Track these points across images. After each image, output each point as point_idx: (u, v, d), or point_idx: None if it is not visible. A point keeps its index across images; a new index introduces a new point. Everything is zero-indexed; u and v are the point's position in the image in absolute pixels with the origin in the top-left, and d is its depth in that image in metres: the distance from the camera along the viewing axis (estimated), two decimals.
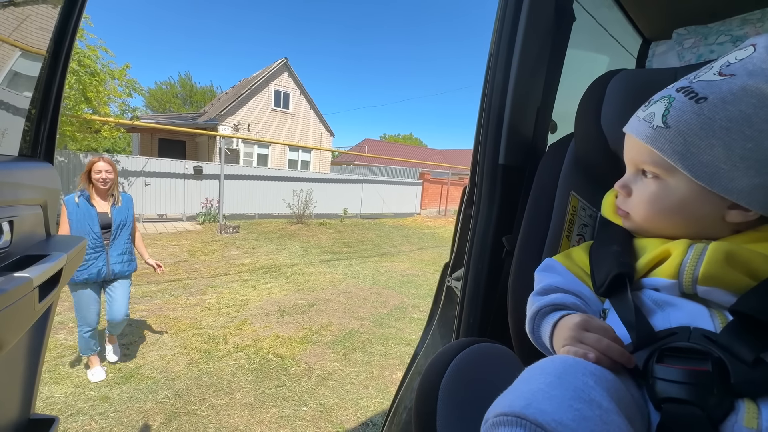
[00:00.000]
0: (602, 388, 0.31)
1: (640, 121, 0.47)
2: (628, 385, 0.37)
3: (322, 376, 2.77)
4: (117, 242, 2.53)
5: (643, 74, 0.61)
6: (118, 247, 2.54)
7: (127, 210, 2.61)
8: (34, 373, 0.80)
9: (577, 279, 0.54)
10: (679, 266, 0.43)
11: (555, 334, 0.46)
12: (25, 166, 0.81)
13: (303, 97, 15.82)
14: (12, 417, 0.75)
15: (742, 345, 0.35)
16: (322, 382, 2.69)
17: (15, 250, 0.68)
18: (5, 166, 0.72)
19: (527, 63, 0.73)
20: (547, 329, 0.47)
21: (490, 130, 0.74)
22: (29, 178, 0.79)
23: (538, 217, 0.64)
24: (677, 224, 0.46)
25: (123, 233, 2.57)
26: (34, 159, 0.88)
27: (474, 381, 0.53)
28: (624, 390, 0.34)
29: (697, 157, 0.41)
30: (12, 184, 0.68)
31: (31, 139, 0.90)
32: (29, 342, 0.77)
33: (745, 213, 0.42)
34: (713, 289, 0.40)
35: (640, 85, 0.58)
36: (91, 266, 2.43)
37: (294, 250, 7.23)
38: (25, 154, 0.88)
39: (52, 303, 0.86)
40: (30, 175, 0.80)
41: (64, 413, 2.20)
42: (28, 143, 0.89)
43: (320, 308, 4.20)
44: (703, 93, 0.41)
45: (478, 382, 0.42)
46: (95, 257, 2.43)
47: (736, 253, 0.39)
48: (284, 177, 11.31)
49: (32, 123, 0.91)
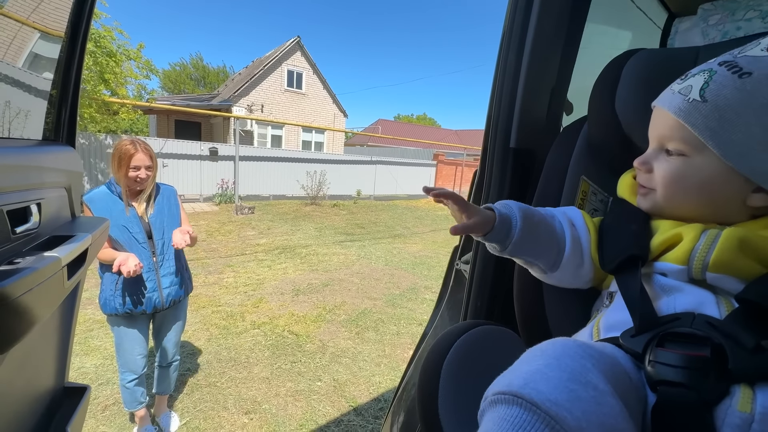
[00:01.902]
0: (599, 371, 0.31)
1: (675, 94, 0.45)
2: (627, 368, 0.37)
3: (335, 353, 2.85)
4: (167, 256, 1.79)
5: (661, 54, 0.58)
6: (170, 263, 1.80)
7: (173, 208, 1.85)
8: (66, 345, 0.86)
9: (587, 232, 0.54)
10: (690, 252, 0.42)
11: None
12: (49, 150, 0.84)
13: (316, 77, 15.64)
14: (49, 385, 0.81)
15: (744, 331, 0.35)
16: (336, 359, 2.77)
17: (44, 230, 0.72)
18: (31, 150, 0.75)
19: (542, 42, 0.70)
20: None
21: (502, 113, 0.73)
22: (53, 162, 0.83)
23: (547, 202, 0.63)
24: (695, 205, 0.45)
25: (169, 248, 1.80)
26: (57, 143, 0.91)
27: (476, 362, 0.54)
28: (622, 372, 0.35)
29: (730, 135, 0.40)
30: (38, 168, 0.72)
31: (53, 123, 0.93)
32: (61, 316, 0.82)
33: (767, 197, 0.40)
34: (723, 276, 0.40)
35: (658, 66, 0.55)
36: (139, 293, 1.69)
37: (308, 230, 7.33)
38: (48, 138, 0.91)
39: (80, 280, 0.90)
40: (54, 158, 0.83)
41: (94, 382, 2.34)
42: (51, 127, 0.93)
43: (334, 288, 4.28)
44: (748, 68, 0.40)
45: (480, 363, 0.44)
46: (144, 278, 1.71)
47: (750, 239, 0.39)
48: (298, 158, 11.35)
49: (53, 107, 0.93)
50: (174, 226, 1.83)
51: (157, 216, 1.78)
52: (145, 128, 21.39)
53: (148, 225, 1.74)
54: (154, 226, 1.75)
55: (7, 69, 0.97)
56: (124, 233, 1.66)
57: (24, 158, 0.68)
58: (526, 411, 0.29)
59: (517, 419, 0.29)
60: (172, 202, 1.87)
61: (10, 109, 0.96)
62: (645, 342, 0.38)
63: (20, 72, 0.99)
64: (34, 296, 0.57)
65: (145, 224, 1.73)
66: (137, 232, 1.69)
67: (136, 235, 1.69)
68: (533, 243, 0.52)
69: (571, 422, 0.28)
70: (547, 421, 0.28)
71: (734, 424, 0.32)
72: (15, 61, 0.99)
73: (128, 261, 1.56)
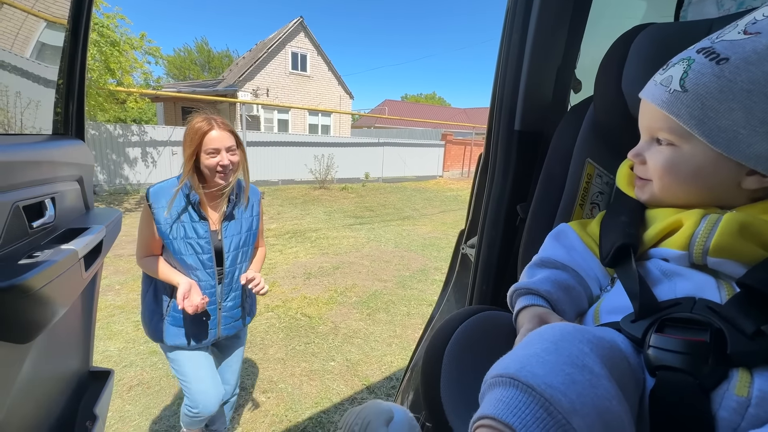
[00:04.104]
0: (596, 355, 0.32)
1: (657, 85, 0.45)
2: (627, 353, 0.38)
3: (347, 335, 2.92)
4: (235, 286, 1.36)
5: (671, 28, 0.56)
6: (236, 293, 1.37)
7: (254, 222, 1.40)
8: (89, 332, 0.90)
9: (587, 249, 0.54)
10: (690, 237, 0.42)
11: (518, 318, 0.49)
12: (60, 144, 0.85)
13: (321, 59, 15.39)
14: (75, 369, 0.86)
15: (744, 317, 0.35)
16: (348, 340, 2.84)
17: (60, 223, 0.74)
18: (43, 145, 0.76)
19: (547, 18, 0.68)
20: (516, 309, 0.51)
21: (506, 95, 0.71)
22: (65, 156, 0.84)
23: (552, 186, 0.63)
24: (693, 193, 0.45)
25: (243, 265, 1.37)
26: (67, 137, 0.93)
27: (478, 347, 0.55)
28: (621, 357, 0.36)
29: (715, 122, 0.39)
30: (50, 162, 0.73)
31: (62, 117, 0.94)
32: (82, 305, 0.86)
33: (763, 179, 0.40)
34: (724, 261, 0.40)
35: (667, 42, 0.53)
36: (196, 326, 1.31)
37: (318, 215, 7.38)
38: (58, 132, 0.93)
39: (98, 270, 0.94)
40: (65, 152, 0.85)
41: (118, 365, 2.45)
42: (60, 121, 0.94)
43: (344, 271, 4.34)
44: (725, 53, 0.39)
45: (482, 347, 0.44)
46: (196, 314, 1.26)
47: (750, 223, 0.38)
48: (305, 142, 11.32)
49: (61, 101, 0.94)
50: (251, 247, 1.38)
51: (235, 234, 1.31)
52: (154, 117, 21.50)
53: (220, 244, 1.28)
54: (227, 248, 1.29)
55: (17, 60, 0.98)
56: (188, 251, 1.22)
57: (37, 153, 0.70)
58: (522, 393, 0.30)
59: (513, 400, 0.30)
60: (254, 213, 1.39)
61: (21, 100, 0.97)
62: (645, 327, 0.39)
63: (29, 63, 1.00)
64: (53, 288, 0.59)
65: (216, 242, 1.28)
66: (205, 254, 1.25)
67: (202, 257, 1.25)
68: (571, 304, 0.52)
69: (566, 404, 0.29)
70: (542, 403, 0.29)
71: (731, 408, 0.33)
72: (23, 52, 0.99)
73: (192, 295, 1.18)
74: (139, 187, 8.72)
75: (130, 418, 2.00)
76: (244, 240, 1.35)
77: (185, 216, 1.23)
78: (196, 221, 1.24)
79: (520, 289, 0.51)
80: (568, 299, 0.50)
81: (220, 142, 1.19)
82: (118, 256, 4.35)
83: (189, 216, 1.23)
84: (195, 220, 1.24)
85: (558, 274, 0.53)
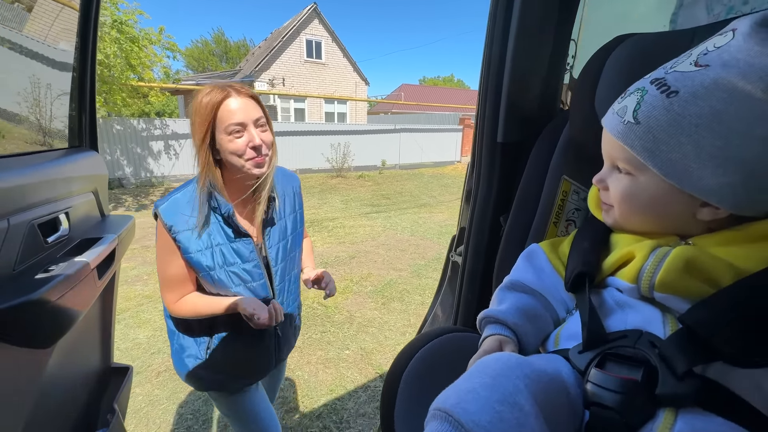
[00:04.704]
0: (530, 392, 0.33)
1: (614, 114, 0.44)
2: (569, 383, 0.39)
3: (362, 324, 2.99)
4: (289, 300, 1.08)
5: (653, 40, 0.53)
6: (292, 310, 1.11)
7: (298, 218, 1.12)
8: (109, 332, 0.97)
9: (555, 272, 0.54)
10: (638, 271, 0.42)
11: (482, 345, 0.51)
12: (75, 158, 0.91)
13: (335, 45, 15.25)
14: (97, 366, 0.93)
15: (679, 355, 0.35)
16: (363, 329, 2.91)
17: (74, 235, 0.80)
18: (58, 162, 0.82)
19: (529, 26, 0.65)
20: (482, 337, 0.52)
21: (488, 106, 0.70)
22: (79, 170, 0.90)
23: (527, 203, 0.62)
24: (650, 221, 0.45)
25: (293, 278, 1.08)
26: (81, 149, 0.99)
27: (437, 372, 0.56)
28: (559, 390, 0.37)
29: (667, 155, 0.39)
30: (64, 179, 0.79)
31: (76, 130, 1.00)
32: (101, 307, 0.93)
33: (716, 211, 0.40)
34: (669, 296, 0.40)
35: (645, 56, 0.51)
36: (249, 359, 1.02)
37: (334, 203, 7.46)
38: (73, 145, 0.99)
39: (114, 273, 1.00)
40: (79, 165, 0.91)
41: (147, 352, 2.61)
42: (74, 134, 1.00)
43: (360, 260, 4.40)
44: (675, 86, 0.38)
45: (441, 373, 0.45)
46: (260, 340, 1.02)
47: (696, 260, 0.38)
48: (322, 131, 11.36)
49: (74, 114, 1.00)
50: (299, 249, 1.08)
51: (280, 240, 1.01)
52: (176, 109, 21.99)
53: (265, 259, 0.98)
54: (274, 261, 0.99)
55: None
56: (233, 281, 0.92)
57: (50, 172, 0.75)
58: (453, 429, 0.32)
59: None
60: (297, 207, 1.10)
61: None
62: (588, 360, 0.39)
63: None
64: (68, 299, 0.65)
65: (262, 257, 0.97)
66: (257, 281, 0.95)
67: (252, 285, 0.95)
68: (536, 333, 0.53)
69: None
70: None
71: None
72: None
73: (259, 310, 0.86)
74: (164, 179, 9.03)
75: (159, 401, 2.14)
76: (291, 244, 1.03)
77: (218, 235, 0.89)
78: (234, 240, 0.91)
79: (488, 317, 0.53)
80: (533, 328, 0.51)
81: (243, 113, 0.83)
82: (146, 248, 4.56)
83: (223, 234, 0.90)
84: (232, 238, 0.91)
85: (526, 300, 0.54)
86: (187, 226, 0.88)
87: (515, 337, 0.50)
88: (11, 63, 0.99)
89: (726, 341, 0.33)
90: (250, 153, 0.85)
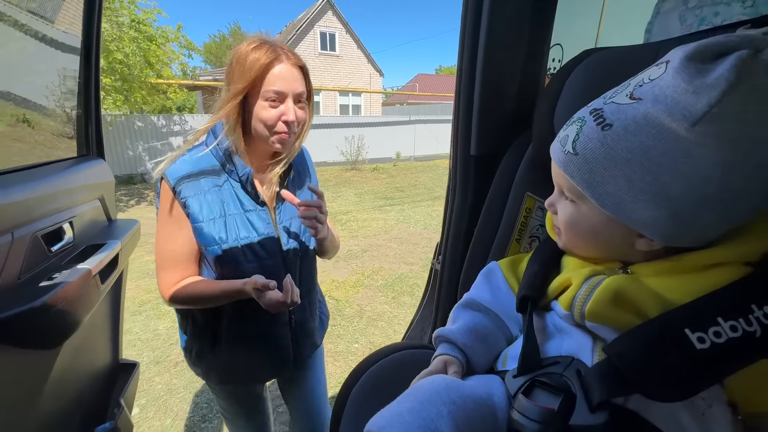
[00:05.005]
0: (452, 418, 0.35)
1: (558, 142, 0.44)
2: (499, 408, 0.40)
3: (372, 317, 3.03)
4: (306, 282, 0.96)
5: (615, 55, 0.52)
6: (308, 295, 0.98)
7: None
8: (116, 330, 1.03)
9: (510, 291, 0.55)
10: (572, 299, 0.43)
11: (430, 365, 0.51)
12: (83, 167, 0.96)
13: (349, 37, 15.18)
14: (107, 362, 1.00)
15: (598, 385, 0.35)
16: (372, 323, 2.95)
17: (79, 241, 0.86)
18: (65, 173, 0.87)
19: (499, 33, 0.63)
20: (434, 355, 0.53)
21: (461, 118, 0.70)
22: (86, 178, 0.95)
23: (491, 218, 0.62)
24: (593, 248, 0.45)
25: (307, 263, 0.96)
26: (89, 158, 1.04)
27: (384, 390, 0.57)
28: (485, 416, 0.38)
29: (603, 187, 0.39)
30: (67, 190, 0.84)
31: (83, 139, 1.05)
32: (108, 308, 0.99)
33: (651, 242, 0.40)
34: (599, 326, 0.40)
35: (605, 73, 0.50)
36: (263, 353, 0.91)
37: (348, 197, 7.51)
38: (81, 153, 1.04)
39: (122, 272, 1.06)
40: (86, 175, 0.96)
41: (166, 342, 2.73)
42: (82, 143, 1.05)
43: (372, 254, 4.44)
44: (610, 119, 0.38)
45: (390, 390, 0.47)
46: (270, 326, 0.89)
47: (625, 292, 0.38)
48: (336, 123, 11.40)
49: (81, 124, 1.05)
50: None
51: (293, 216, 0.90)
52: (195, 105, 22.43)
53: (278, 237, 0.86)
54: (285, 236, 0.88)
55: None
56: (247, 257, 0.81)
57: (55, 184, 0.80)
58: None
59: None
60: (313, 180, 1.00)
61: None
62: (519, 385, 0.40)
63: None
64: (71, 304, 0.70)
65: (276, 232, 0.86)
66: (272, 258, 0.84)
67: (268, 262, 0.84)
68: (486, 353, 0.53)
69: None
70: None
71: None
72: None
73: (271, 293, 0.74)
74: None
75: (176, 390, 2.25)
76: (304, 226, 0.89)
77: (232, 204, 0.80)
78: (249, 210, 0.81)
79: (440, 336, 0.54)
80: (483, 347, 0.52)
81: (287, 83, 0.76)
82: None
83: (238, 203, 0.81)
84: (247, 208, 0.81)
85: (478, 319, 0.55)
86: (199, 189, 0.77)
87: (464, 356, 0.51)
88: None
89: (640, 375, 0.33)
90: (281, 126, 0.78)
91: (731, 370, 0.32)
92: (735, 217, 0.36)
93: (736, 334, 0.32)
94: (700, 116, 0.32)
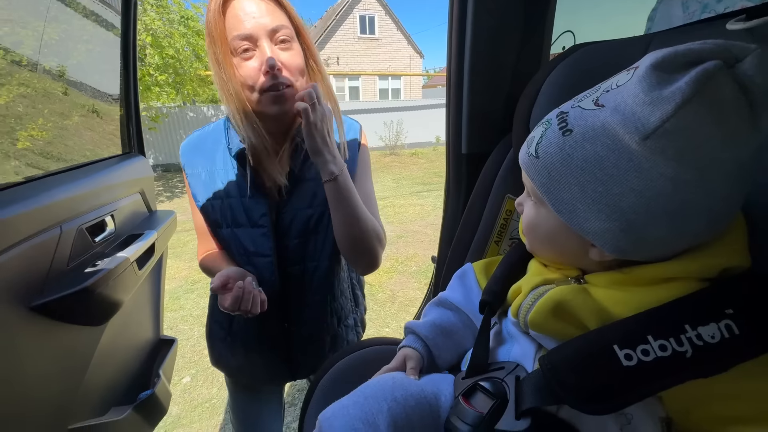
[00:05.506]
0: (390, 414, 0.37)
1: (525, 143, 0.43)
2: (443, 408, 0.41)
3: (404, 303, 3.09)
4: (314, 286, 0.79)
5: (603, 50, 0.47)
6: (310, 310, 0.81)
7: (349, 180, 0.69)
8: (158, 310, 1.16)
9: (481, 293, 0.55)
10: (518, 308, 0.42)
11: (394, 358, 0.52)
12: (126, 164, 1.07)
13: (389, 18, 14.94)
14: (149, 337, 1.13)
15: (530, 394, 0.36)
16: (404, 308, 3.01)
17: (121, 231, 0.96)
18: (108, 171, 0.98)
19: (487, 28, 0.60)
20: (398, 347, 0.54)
21: (452, 116, 0.68)
22: (128, 174, 1.06)
23: (472, 219, 0.61)
24: (551, 253, 0.44)
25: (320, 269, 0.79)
26: (131, 155, 1.15)
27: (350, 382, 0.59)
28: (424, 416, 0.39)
29: (559, 193, 0.37)
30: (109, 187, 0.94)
31: (126, 138, 1.16)
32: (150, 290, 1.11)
33: (603, 253, 0.38)
34: (540, 335, 0.40)
35: (587, 69, 0.46)
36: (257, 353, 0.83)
37: (386, 182, 7.55)
38: (125, 151, 1.16)
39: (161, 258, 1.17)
40: (128, 171, 1.07)
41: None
42: (125, 142, 1.16)
43: (407, 240, 4.47)
44: (572, 125, 0.36)
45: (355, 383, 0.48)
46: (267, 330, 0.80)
47: (567, 304, 0.37)
48: (374, 109, 11.39)
49: (123, 124, 1.16)
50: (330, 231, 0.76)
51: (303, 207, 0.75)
52: None
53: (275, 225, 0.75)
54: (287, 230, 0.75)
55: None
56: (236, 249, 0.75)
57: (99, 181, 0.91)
58: None
59: None
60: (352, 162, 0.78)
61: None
62: (463, 387, 0.41)
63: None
64: (111, 287, 0.81)
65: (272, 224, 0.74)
66: (266, 257, 0.74)
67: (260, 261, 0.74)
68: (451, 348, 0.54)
69: None
70: None
71: None
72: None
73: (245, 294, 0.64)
74: None
75: None
76: (318, 217, 0.75)
77: (231, 186, 0.72)
78: (248, 196, 0.71)
79: (408, 328, 0.55)
80: (448, 342, 0.53)
81: (255, 20, 0.61)
82: None
83: (235, 185, 0.72)
84: (245, 193, 0.71)
85: (446, 316, 0.55)
86: (201, 167, 0.72)
87: (426, 349, 0.52)
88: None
89: (567, 388, 0.33)
90: (264, 81, 0.61)
91: (658, 388, 0.31)
92: (690, 233, 0.34)
93: (665, 353, 0.31)
94: (652, 130, 0.30)
